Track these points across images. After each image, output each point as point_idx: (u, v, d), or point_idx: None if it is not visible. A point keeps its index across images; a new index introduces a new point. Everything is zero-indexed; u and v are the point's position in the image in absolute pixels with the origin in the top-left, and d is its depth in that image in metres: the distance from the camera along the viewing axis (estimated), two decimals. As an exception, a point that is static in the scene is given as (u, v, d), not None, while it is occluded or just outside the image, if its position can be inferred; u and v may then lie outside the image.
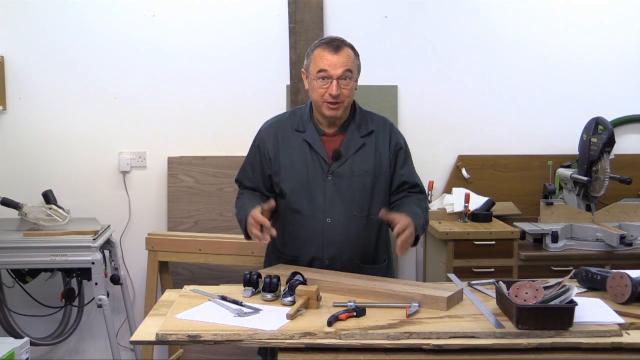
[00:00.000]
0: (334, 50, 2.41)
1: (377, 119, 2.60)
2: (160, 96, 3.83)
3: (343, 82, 2.40)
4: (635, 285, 2.16)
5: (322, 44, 2.45)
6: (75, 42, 3.76)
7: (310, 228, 2.48)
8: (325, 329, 1.92)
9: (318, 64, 2.42)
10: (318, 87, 2.42)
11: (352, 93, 2.45)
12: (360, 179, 2.49)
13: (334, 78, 2.39)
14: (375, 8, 3.90)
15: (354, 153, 2.49)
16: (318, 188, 2.48)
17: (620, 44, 4.03)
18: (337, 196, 2.47)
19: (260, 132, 2.61)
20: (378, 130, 2.55)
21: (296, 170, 2.50)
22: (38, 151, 3.78)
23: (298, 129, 2.53)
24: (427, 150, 3.96)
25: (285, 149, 2.52)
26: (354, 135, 2.51)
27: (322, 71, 2.40)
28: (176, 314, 2.05)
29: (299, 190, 2.49)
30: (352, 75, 2.42)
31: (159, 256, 3.41)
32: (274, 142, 2.54)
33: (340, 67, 2.39)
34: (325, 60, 2.40)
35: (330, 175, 2.48)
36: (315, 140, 2.50)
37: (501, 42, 3.98)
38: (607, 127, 3.62)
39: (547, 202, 3.74)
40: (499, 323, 1.96)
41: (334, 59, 2.39)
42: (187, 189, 3.79)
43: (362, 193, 2.49)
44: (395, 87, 3.93)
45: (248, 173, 2.61)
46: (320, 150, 2.49)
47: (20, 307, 3.65)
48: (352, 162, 2.49)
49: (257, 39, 3.85)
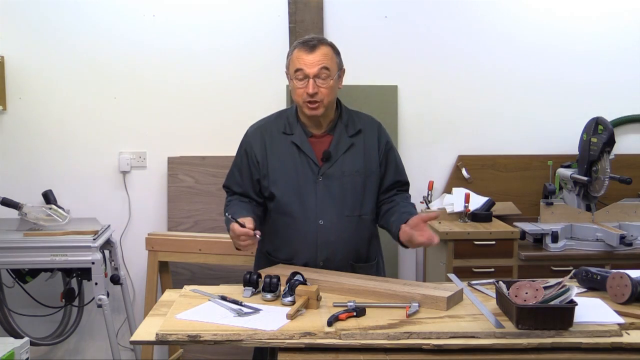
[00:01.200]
0: (310, 50, 2.40)
1: (364, 117, 2.59)
2: (160, 96, 3.83)
3: (320, 80, 2.39)
4: (635, 285, 2.16)
5: (298, 44, 2.44)
6: (75, 42, 3.76)
7: (302, 231, 2.46)
8: (325, 329, 1.92)
9: (295, 64, 2.42)
10: (297, 87, 2.42)
11: (331, 91, 2.43)
12: (351, 179, 2.48)
13: (310, 77, 2.38)
14: (375, 8, 3.90)
15: (343, 153, 2.49)
16: (309, 190, 2.47)
17: (621, 44, 4.03)
18: (329, 197, 2.46)
19: (247, 136, 2.58)
20: (365, 129, 2.54)
21: (286, 173, 2.48)
22: (38, 151, 3.78)
23: (285, 132, 2.51)
24: (427, 150, 3.97)
25: (273, 152, 2.50)
26: (342, 136, 2.50)
27: (299, 70, 2.40)
28: (176, 314, 2.05)
29: (289, 194, 2.47)
30: (329, 73, 2.40)
31: (159, 256, 3.41)
32: (261, 146, 2.52)
33: (315, 66, 2.38)
34: (300, 59, 2.40)
35: (321, 177, 2.47)
36: (304, 143, 2.48)
37: (501, 42, 3.98)
38: (607, 127, 3.62)
39: (547, 202, 3.74)
40: (499, 323, 1.96)
41: (309, 58, 2.39)
42: (187, 189, 3.79)
43: (353, 193, 2.49)
44: (395, 87, 3.93)
45: (236, 178, 2.58)
46: (309, 153, 2.47)
47: (20, 307, 3.65)
48: (343, 163, 2.48)
49: (257, 39, 3.85)
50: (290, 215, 2.49)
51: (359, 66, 3.75)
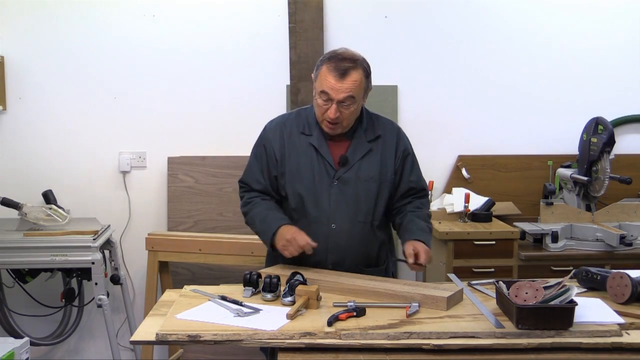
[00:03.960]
0: (340, 76, 2.31)
1: (385, 123, 2.55)
2: (160, 96, 3.83)
3: (343, 106, 2.35)
4: (635, 285, 2.16)
5: (331, 62, 2.34)
6: (75, 42, 3.76)
7: (314, 233, 2.41)
8: (325, 329, 1.92)
9: (322, 84, 2.35)
10: (319, 104, 2.38)
11: (353, 114, 2.40)
12: (366, 185, 2.46)
13: (334, 102, 2.34)
14: (375, 8, 3.90)
15: (360, 159, 2.46)
16: (324, 193, 2.45)
17: (621, 44, 4.03)
18: (343, 202, 2.44)
19: (266, 132, 2.55)
20: (385, 135, 2.51)
21: (303, 174, 2.46)
22: (38, 151, 3.78)
23: (304, 132, 2.48)
24: (427, 150, 3.95)
25: (291, 151, 2.48)
26: (360, 140, 2.47)
27: (324, 93, 2.35)
28: (176, 314, 2.05)
29: (305, 195, 2.45)
30: (354, 100, 2.36)
31: (159, 256, 3.41)
32: (280, 143, 2.49)
33: (342, 93, 2.32)
34: (328, 83, 2.32)
35: (336, 180, 2.44)
36: (322, 145, 2.46)
37: (501, 42, 3.98)
38: (607, 127, 3.62)
39: (547, 202, 3.74)
40: (499, 323, 1.96)
41: (337, 85, 2.32)
42: (187, 189, 3.79)
43: (367, 199, 2.47)
44: (395, 87, 3.93)
45: (256, 174, 2.53)
46: (327, 155, 2.45)
47: (20, 307, 3.65)
48: (359, 168, 2.46)
49: (257, 39, 3.85)
50: (303, 217, 2.46)
51: (359, 66, 3.75)
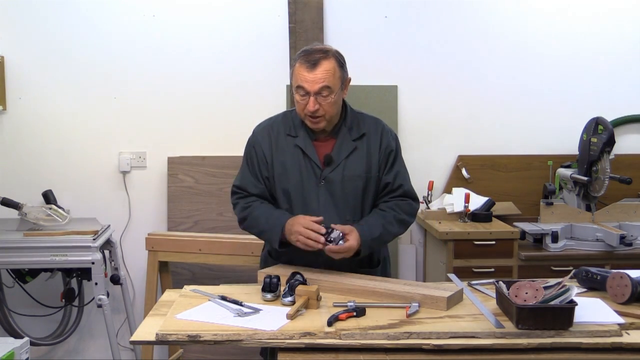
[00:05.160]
0: (311, 67, 2.33)
1: (369, 120, 2.55)
2: (160, 96, 3.83)
3: (321, 97, 2.35)
4: (635, 285, 2.16)
5: (301, 57, 2.38)
6: (75, 42, 3.76)
7: None
8: (325, 329, 1.93)
9: (296, 79, 2.37)
10: (298, 100, 2.39)
11: (333, 106, 2.40)
12: (352, 183, 2.46)
13: (311, 94, 2.34)
14: (375, 8, 3.90)
15: (345, 157, 2.46)
16: (312, 194, 2.46)
17: (621, 44, 4.03)
18: (331, 201, 2.45)
19: (254, 135, 2.56)
20: (370, 132, 2.51)
21: (290, 175, 2.47)
22: (38, 151, 3.78)
23: (290, 134, 2.49)
24: (427, 150, 3.97)
25: (278, 153, 2.49)
26: (345, 139, 2.48)
27: (299, 87, 2.36)
28: (176, 314, 2.05)
29: (293, 196, 2.47)
30: (331, 90, 2.36)
31: (159, 256, 3.41)
32: (269, 145, 2.50)
33: (316, 84, 2.33)
34: (301, 76, 2.35)
35: (322, 180, 2.46)
36: (308, 146, 2.47)
37: (501, 42, 3.98)
38: (607, 127, 3.62)
39: (547, 202, 3.74)
40: (499, 323, 1.96)
41: (310, 76, 2.33)
42: (187, 189, 3.79)
43: (354, 197, 2.47)
44: (395, 87, 3.93)
45: (250, 178, 2.52)
46: (313, 156, 2.46)
47: (20, 307, 3.65)
48: (344, 167, 2.46)
49: (257, 39, 3.85)
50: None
51: (359, 66, 3.73)
